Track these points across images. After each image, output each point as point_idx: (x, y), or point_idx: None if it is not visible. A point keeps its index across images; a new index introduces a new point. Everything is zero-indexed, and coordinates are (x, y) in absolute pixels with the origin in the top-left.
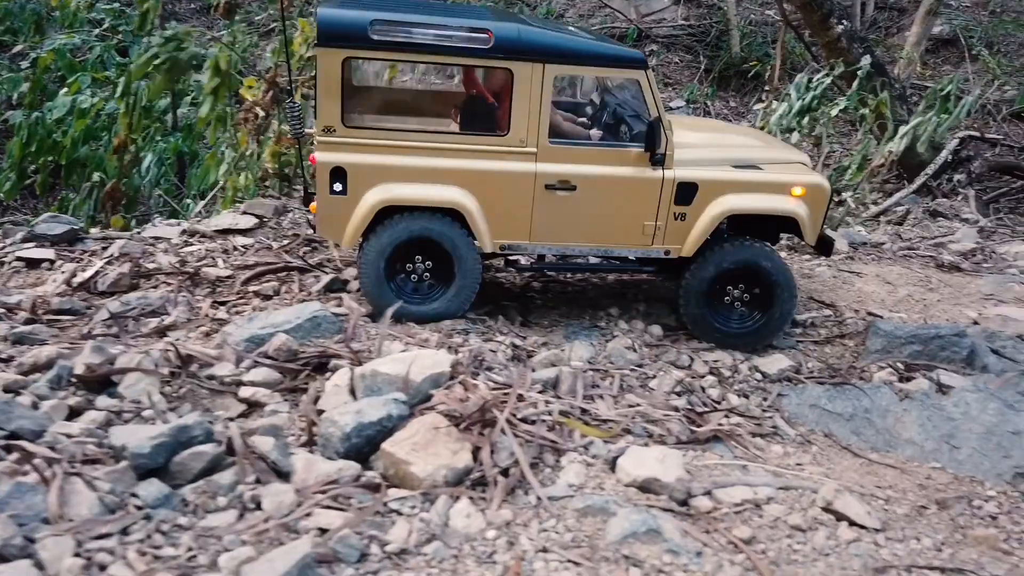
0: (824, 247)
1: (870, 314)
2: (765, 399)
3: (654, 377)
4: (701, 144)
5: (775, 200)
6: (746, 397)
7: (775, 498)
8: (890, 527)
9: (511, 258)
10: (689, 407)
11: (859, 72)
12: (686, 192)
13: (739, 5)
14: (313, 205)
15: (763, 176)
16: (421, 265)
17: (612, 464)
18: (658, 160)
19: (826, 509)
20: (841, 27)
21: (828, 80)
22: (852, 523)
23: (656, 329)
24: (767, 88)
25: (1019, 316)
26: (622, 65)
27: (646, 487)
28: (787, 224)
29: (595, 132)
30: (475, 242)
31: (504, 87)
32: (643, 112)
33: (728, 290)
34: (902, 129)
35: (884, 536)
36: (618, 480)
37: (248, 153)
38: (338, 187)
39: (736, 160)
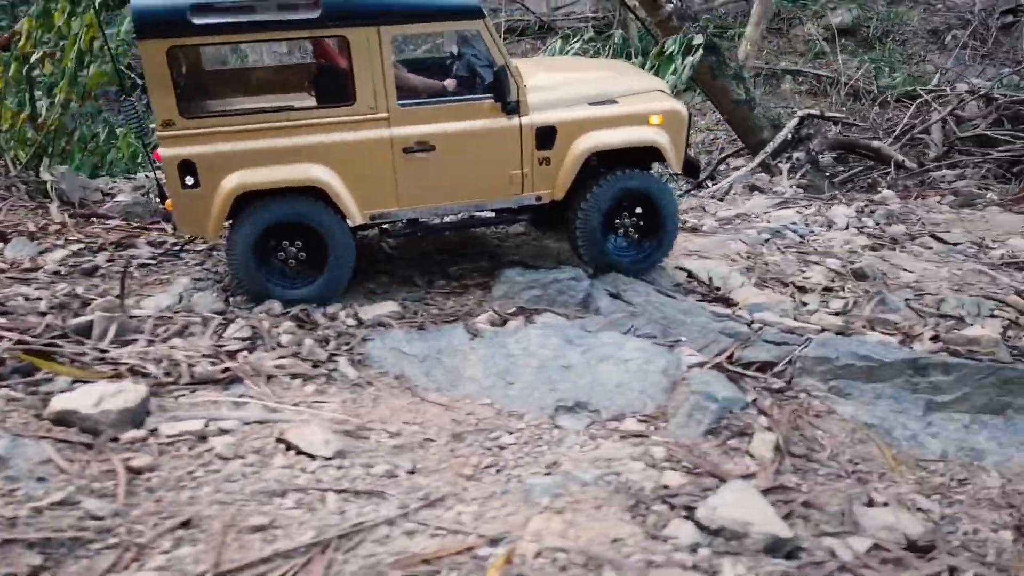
0: (690, 170)
1: (527, 266)
2: (347, 344)
3: (231, 323)
4: (555, 85)
5: (635, 132)
6: (325, 342)
7: (232, 431)
8: (348, 456)
9: (384, 227)
10: (243, 350)
11: (614, 39)
12: (546, 136)
13: None
14: (169, 202)
15: (619, 110)
16: (292, 248)
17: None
18: (512, 108)
19: (280, 440)
20: (671, 6)
21: (577, 46)
22: (300, 452)
23: None
24: None
25: (694, 268)
26: (458, 17)
27: (63, 419)
28: (652, 153)
29: (449, 82)
30: (343, 217)
31: (343, 54)
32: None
33: (618, 222)
34: None
35: (325, 463)
36: (38, 416)
37: None
38: (189, 180)
39: (592, 96)
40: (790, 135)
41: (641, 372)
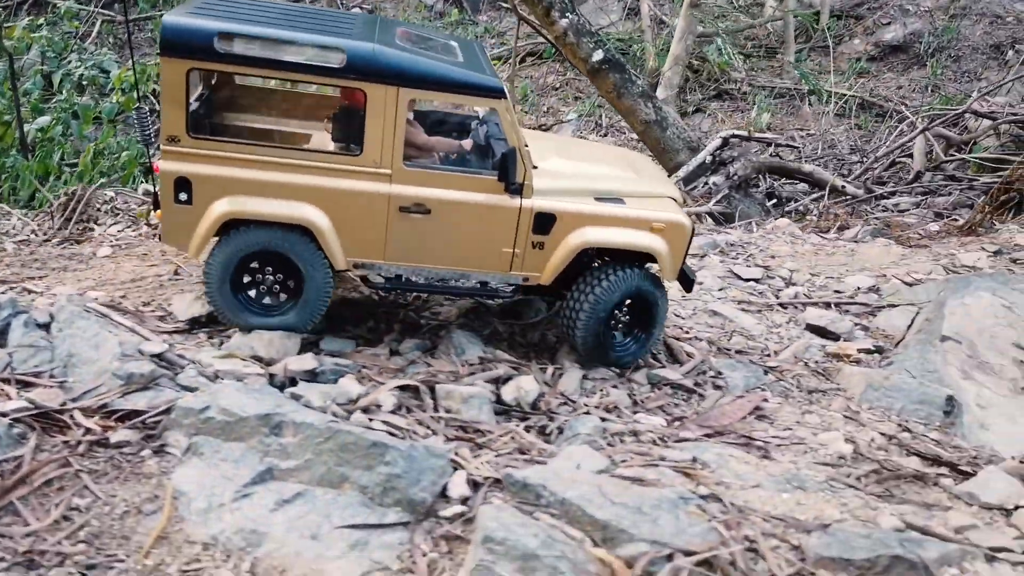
0: (684, 282)
1: None
2: None
3: None
4: (565, 173)
5: (634, 235)
6: None
7: None
8: None
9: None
10: None
11: None
12: (544, 222)
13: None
14: (159, 212)
15: (624, 211)
16: (270, 277)
17: None
18: (515, 189)
19: None
20: (566, 20)
21: None
22: None
23: None
24: None
25: None
26: (479, 94)
27: None
28: (649, 255)
29: (467, 142)
30: (325, 258)
31: (360, 106)
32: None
33: (613, 321)
34: None
35: None
36: None
37: None
38: (183, 197)
39: (599, 192)
40: (710, 158)
41: None
